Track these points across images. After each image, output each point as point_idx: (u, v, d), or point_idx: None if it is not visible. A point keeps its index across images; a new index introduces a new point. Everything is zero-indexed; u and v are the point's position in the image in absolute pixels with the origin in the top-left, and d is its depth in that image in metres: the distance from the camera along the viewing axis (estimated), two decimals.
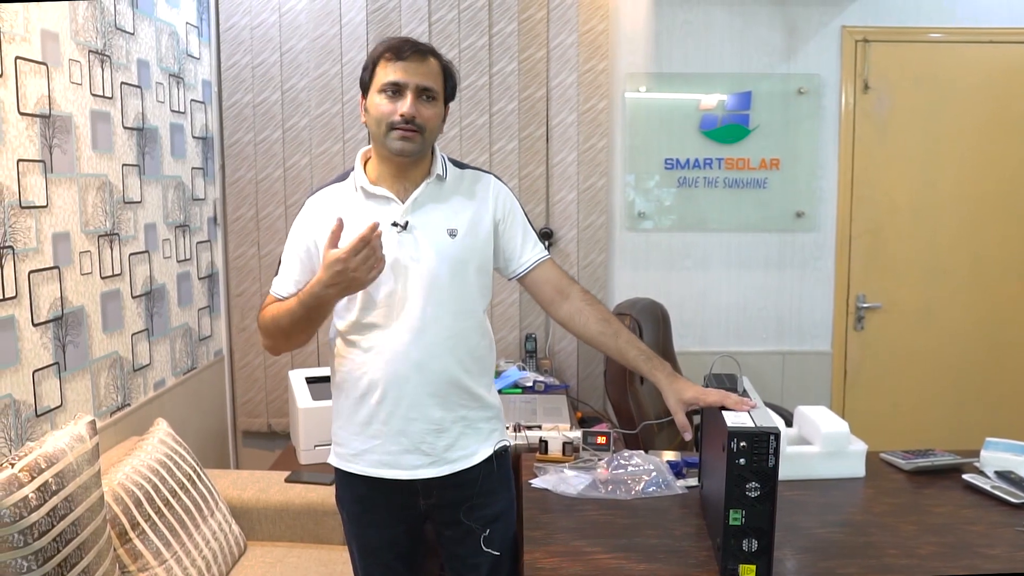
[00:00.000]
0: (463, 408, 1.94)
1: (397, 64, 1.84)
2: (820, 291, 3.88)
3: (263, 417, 3.79)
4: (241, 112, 3.65)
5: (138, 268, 2.93)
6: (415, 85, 1.83)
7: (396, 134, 1.84)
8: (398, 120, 1.83)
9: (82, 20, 2.57)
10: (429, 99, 1.86)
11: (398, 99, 1.84)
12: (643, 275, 3.86)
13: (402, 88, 1.84)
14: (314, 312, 1.81)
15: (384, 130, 1.85)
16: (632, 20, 3.73)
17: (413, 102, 1.83)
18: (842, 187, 3.82)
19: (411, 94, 1.83)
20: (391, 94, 1.85)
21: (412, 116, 1.82)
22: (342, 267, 1.70)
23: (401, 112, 1.82)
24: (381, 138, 1.87)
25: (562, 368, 3.76)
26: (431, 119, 1.86)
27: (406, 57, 1.84)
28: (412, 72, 1.84)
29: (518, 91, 3.65)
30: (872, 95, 3.77)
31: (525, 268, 2.02)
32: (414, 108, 1.83)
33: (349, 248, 1.69)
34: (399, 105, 1.83)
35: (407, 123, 1.82)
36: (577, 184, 3.72)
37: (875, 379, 3.93)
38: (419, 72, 1.84)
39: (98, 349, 2.65)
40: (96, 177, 2.65)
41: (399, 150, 1.85)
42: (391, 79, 1.84)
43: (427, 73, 1.86)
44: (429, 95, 1.86)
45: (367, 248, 1.69)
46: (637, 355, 1.95)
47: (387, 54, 1.86)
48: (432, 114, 1.87)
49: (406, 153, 1.86)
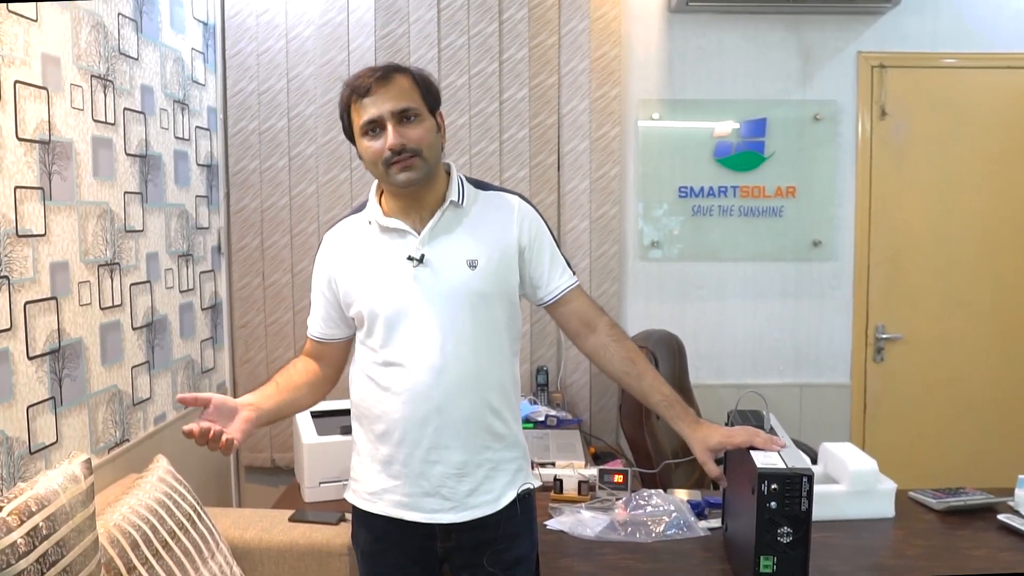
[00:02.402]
0: (488, 450, 1.85)
1: (365, 101, 1.76)
2: (838, 321, 3.80)
3: (267, 452, 3.69)
4: (247, 139, 3.59)
5: (139, 299, 2.85)
6: (389, 112, 1.74)
7: (395, 169, 1.76)
8: (389, 155, 1.74)
9: (85, 44, 2.51)
10: (411, 119, 1.77)
11: (381, 135, 1.76)
12: (657, 306, 3.78)
13: (380, 122, 1.75)
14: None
15: (382, 170, 1.78)
16: (644, 46, 3.68)
17: (395, 130, 1.74)
18: (859, 215, 3.75)
19: (391, 124, 1.74)
20: (372, 132, 1.77)
21: (401, 145, 1.74)
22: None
23: (388, 146, 1.74)
24: (384, 177, 1.80)
25: (574, 402, 3.67)
26: (422, 138, 1.77)
27: (371, 90, 1.75)
28: (382, 101, 1.75)
29: (529, 118, 3.59)
30: (889, 121, 3.71)
31: (552, 297, 1.92)
32: (398, 136, 1.74)
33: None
34: (384, 140, 1.75)
35: (399, 154, 1.74)
36: (589, 213, 3.65)
37: (896, 412, 3.83)
38: (389, 97, 1.75)
39: (96, 383, 2.56)
40: (97, 205, 2.58)
41: (405, 182, 1.77)
42: (366, 119, 1.76)
43: (398, 95, 1.76)
44: (409, 115, 1.76)
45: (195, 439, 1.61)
46: (660, 400, 1.86)
47: (353, 96, 1.78)
48: (420, 132, 1.77)
49: (412, 182, 1.77)
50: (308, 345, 2.00)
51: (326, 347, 1.96)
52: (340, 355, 1.99)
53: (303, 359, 1.98)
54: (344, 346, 1.98)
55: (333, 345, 1.97)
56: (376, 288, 1.82)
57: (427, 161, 1.78)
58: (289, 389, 1.88)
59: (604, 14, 3.57)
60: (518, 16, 3.54)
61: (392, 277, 1.81)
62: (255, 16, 3.53)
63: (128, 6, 2.79)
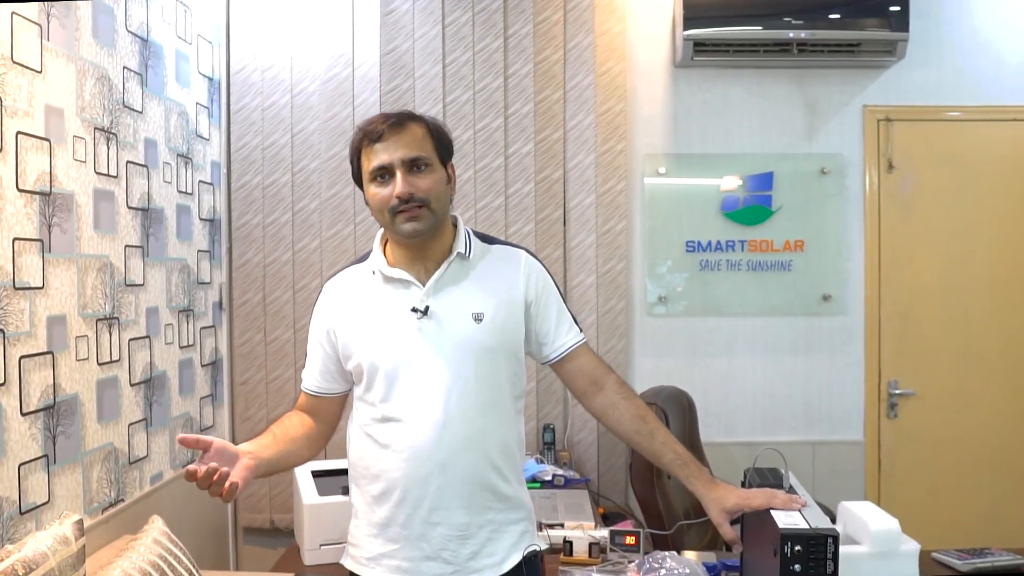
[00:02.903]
0: (491, 511, 1.77)
1: (376, 147, 1.72)
2: (850, 377, 3.73)
3: (266, 513, 3.59)
4: (250, 194, 3.56)
5: (138, 354, 2.79)
6: (400, 160, 1.71)
7: (401, 217, 1.72)
8: (396, 203, 1.71)
9: (89, 97, 2.50)
10: (422, 168, 1.73)
11: (390, 182, 1.72)
12: (665, 362, 3.71)
13: (390, 169, 1.72)
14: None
15: (388, 218, 1.74)
16: (650, 101, 3.68)
17: (404, 179, 1.70)
18: (869, 268, 3.71)
19: (400, 171, 1.71)
20: (381, 179, 1.73)
21: (409, 194, 1.70)
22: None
23: (396, 194, 1.70)
24: (389, 225, 1.76)
25: (582, 460, 3.58)
26: (431, 188, 1.73)
27: (383, 135, 1.72)
28: (394, 148, 1.71)
29: (534, 172, 3.57)
30: (896, 174, 3.69)
31: (559, 354, 1.87)
32: (407, 185, 1.70)
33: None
34: (392, 187, 1.71)
35: (407, 202, 1.70)
36: (596, 268, 3.61)
37: (911, 469, 3.73)
38: (401, 145, 1.72)
39: (92, 440, 2.49)
40: (97, 258, 2.54)
41: (410, 232, 1.73)
42: (375, 164, 1.72)
43: (410, 143, 1.73)
44: (420, 164, 1.73)
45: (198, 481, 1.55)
46: (673, 459, 1.79)
47: (364, 140, 1.75)
48: (430, 183, 1.73)
49: (418, 233, 1.73)
50: (303, 399, 1.92)
51: (322, 401, 1.90)
52: (336, 410, 1.93)
53: (297, 413, 1.90)
54: (340, 401, 1.92)
55: (329, 400, 1.90)
56: (377, 340, 1.77)
57: (434, 212, 1.74)
58: (286, 441, 1.80)
59: (609, 69, 3.58)
60: (523, 71, 3.54)
61: (395, 329, 1.76)
62: (260, 71, 3.54)
63: (133, 60, 2.79)
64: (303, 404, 1.91)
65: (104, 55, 2.60)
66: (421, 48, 3.53)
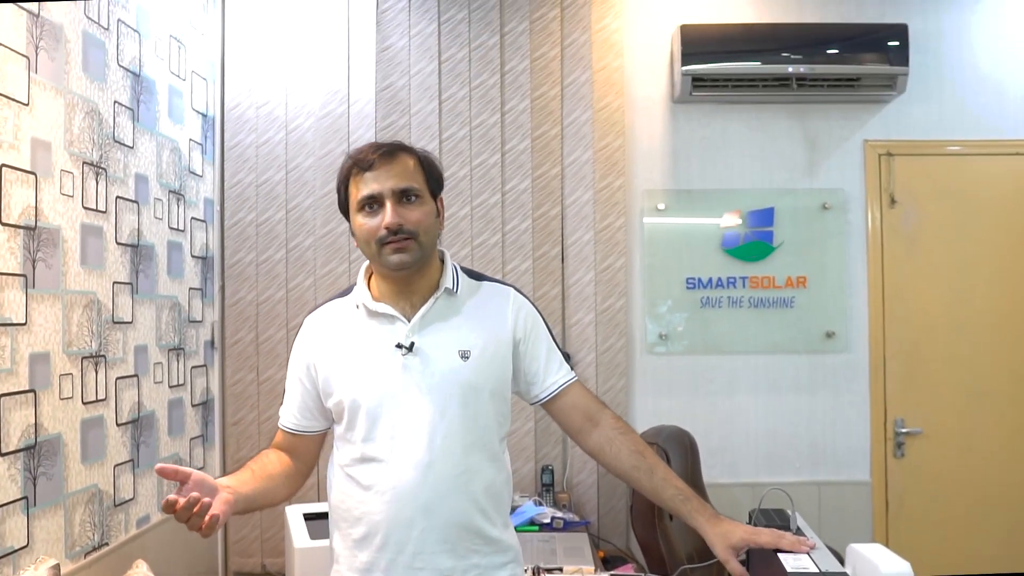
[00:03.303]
0: (476, 555, 1.70)
1: (366, 176, 1.67)
2: (855, 416, 3.65)
3: (257, 557, 3.49)
4: (244, 231, 3.52)
5: (125, 393, 2.72)
6: (391, 190, 1.65)
7: (388, 249, 1.65)
8: (384, 235, 1.64)
9: (78, 131, 2.46)
10: (412, 199, 1.68)
11: (378, 212, 1.66)
12: (666, 401, 3.64)
13: (379, 199, 1.66)
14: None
15: (375, 249, 1.67)
16: (648, 136, 3.64)
17: (394, 210, 1.64)
18: (873, 305, 3.65)
19: (390, 202, 1.65)
20: (369, 209, 1.67)
21: (398, 225, 1.64)
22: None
23: (385, 224, 1.64)
24: (376, 258, 1.69)
25: (581, 502, 3.49)
26: (421, 220, 1.67)
27: (373, 165, 1.66)
28: (384, 178, 1.66)
29: (532, 209, 3.53)
30: (899, 209, 3.65)
31: (549, 393, 1.80)
32: (396, 216, 1.64)
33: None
34: (381, 218, 1.65)
35: (395, 234, 1.64)
36: (595, 305, 3.55)
37: (920, 510, 3.65)
38: (392, 175, 1.66)
39: (75, 482, 2.40)
40: (83, 295, 2.48)
41: (397, 264, 1.66)
42: (365, 194, 1.66)
43: (401, 173, 1.67)
44: (410, 195, 1.67)
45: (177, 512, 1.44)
46: (674, 495, 1.72)
47: (354, 169, 1.69)
48: (420, 215, 1.67)
49: (406, 266, 1.67)
50: (280, 437, 1.84)
51: (300, 440, 1.82)
52: (314, 449, 1.85)
53: (275, 451, 1.82)
54: (319, 440, 1.85)
55: (308, 438, 1.82)
56: (360, 376, 1.70)
57: (422, 245, 1.68)
58: (264, 477, 1.71)
59: (607, 104, 3.55)
60: (520, 107, 3.52)
61: (378, 365, 1.69)
62: (255, 108, 3.51)
63: (125, 95, 2.75)
64: (280, 442, 1.83)
65: (94, 89, 2.56)
66: (417, 84, 3.50)
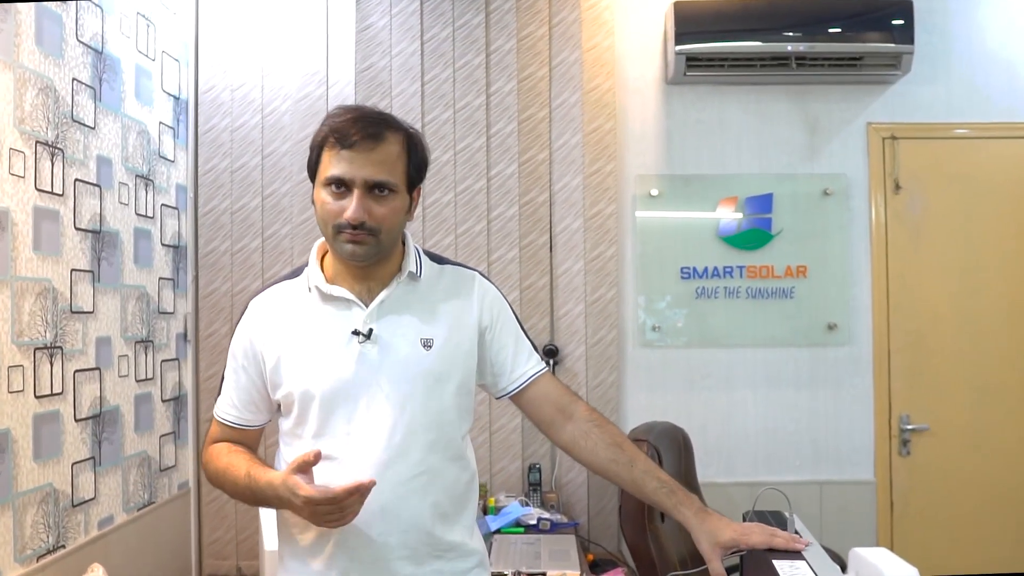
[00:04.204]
0: (438, 560, 1.56)
1: (342, 154, 1.48)
2: (859, 412, 3.50)
3: (232, 559, 3.35)
4: (218, 219, 3.37)
5: (85, 387, 2.57)
6: (363, 180, 1.48)
7: (344, 238, 1.49)
8: (344, 223, 1.48)
9: (29, 107, 2.31)
10: (384, 192, 1.50)
11: (345, 196, 1.49)
12: (659, 396, 3.49)
13: (348, 184, 1.48)
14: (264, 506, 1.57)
15: (331, 233, 1.51)
16: (641, 119, 3.49)
17: (360, 202, 1.47)
18: (877, 296, 3.49)
19: (359, 192, 1.48)
20: (336, 189, 1.49)
21: (360, 220, 1.47)
22: (301, 505, 1.40)
23: (347, 217, 1.47)
24: (330, 241, 1.54)
25: (571, 503, 3.34)
26: (386, 218, 1.50)
27: (353, 144, 1.48)
28: (360, 164, 1.48)
29: (519, 195, 3.38)
30: (904, 195, 3.50)
31: (518, 384, 1.66)
32: (361, 210, 1.47)
33: (316, 497, 1.38)
34: (345, 203, 1.48)
35: (355, 228, 1.48)
36: (584, 296, 3.40)
37: (926, 510, 3.49)
38: (369, 163, 1.48)
39: (26, 481, 2.26)
40: (36, 282, 2.33)
41: (349, 254, 1.51)
42: (334, 173, 1.49)
43: (379, 163, 1.49)
44: (384, 189, 1.50)
45: (334, 507, 1.39)
46: (658, 487, 1.57)
47: (331, 139, 1.50)
48: (386, 212, 1.50)
49: (358, 258, 1.51)
50: (217, 431, 1.67)
51: (240, 434, 1.66)
52: (254, 445, 1.69)
53: (225, 444, 1.65)
54: (259, 434, 1.69)
55: (248, 432, 1.66)
56: (313, 366, 1.54)
57: (381, 243, 1.52)
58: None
59: (597, 86, 3.40)
60: (506, 89, 3.37)
61: (333, 354, 1.54)
62: (230, 91, 3.37)
63: (85, 72, 2.61)
64: (219, 436, 1.67)
65: (49, 64, 2.42)
66: (399, 65, 3.36)
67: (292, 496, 1.38)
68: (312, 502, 1.36)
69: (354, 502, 1.38)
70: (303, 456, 1.40)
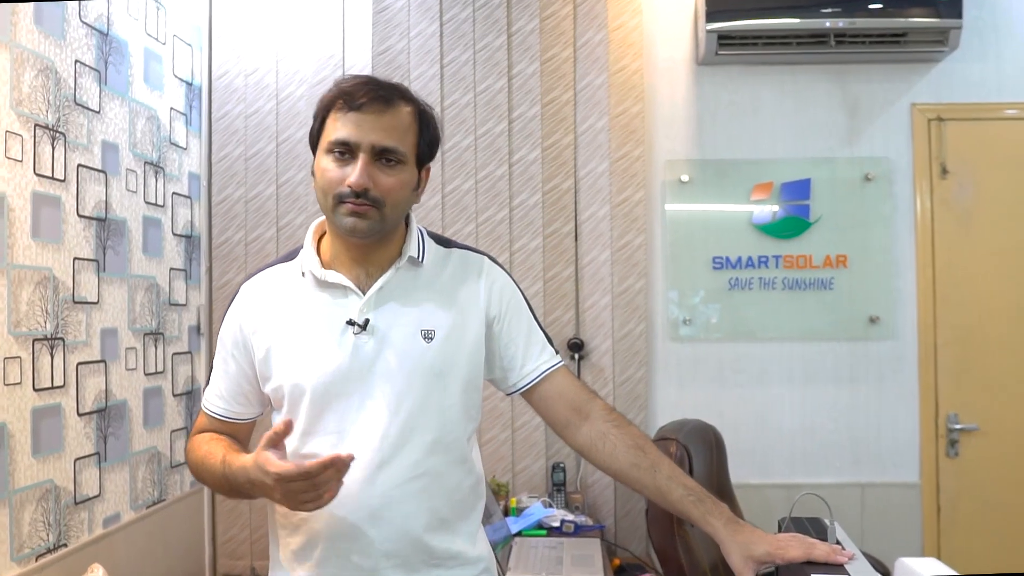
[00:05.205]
0: (435, 568, 1.43)
1: (349, 116, 1.37)
2: (903, 410, 3.33)
3: (246, 559, 3.26)
4: (232, 208, 3.28)
5: (89, 380, 2.48)
6: (370, 145, 1.36)
7: (345, 209, 1.37)
8: (346, 191, 1.36)
9: (28, 89, 2.22)
10: (391, 162, 1.39)
11: (349, 162, 1.37)
12: (690, 392, 3.35)
13: (354, 149, 1.37)
14: (241, 496, 1.40)
15: (331, 203, 1.39)
16: (670, 102, 3.35)
17: (365, 168, 1.36)
18: (922, 287, 3.32)
19: (364, 157, 1.36)
20: (340, 155, 1.38)
21: (364, 187, 1.35)
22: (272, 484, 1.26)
23: (349, 182, 1.36)
24: (329, 213, 1.41)
25: (596, 504, 3.20)
26: (392, 189, 1.39)
27: (361, 106, 1.37)
28: (368, 127, 1.37)
29: (542, 182, 3.25)
30: (951, 180, 3.32)
31: (530, 380, 1.53)
32: (366, 176, 1.36)
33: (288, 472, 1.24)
34: (349, 171, 1.36)
35: (358, 196, 1.36)
36: (611, 287, 3.26)
37: (976, 515, 3.31)
38: (378, 127, 1.37)
39: (23, 476, 2.17)
40: (36, 270, 2.24)
41: (349, 228, 1.38)
42: (339, 136, 1.37)
43: (389, 128, 1.38)
44: (391, 158, 1.39)
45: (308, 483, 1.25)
46: (684, 495, 1.42)
47: (338, 101, 1.39)
48: (394, 183, 1.39)
49: (359, 232, 1.39)
50: (204, 422, 1.57)
51: (228, 427, 1.55)
52: (244, 438, 1.58)
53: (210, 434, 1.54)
54: (250, 428, 1.58)
55: (237, 426, 1.55)
56: (304, 357, 1.43)
57: (385, 218, 1.40)
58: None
59: (624, 67, 3.26)
60: (529, 71, 3.24)
61: (326, 345, 1.43)
62: (244, 76, 3.28)
63: (89, 54, 2.52)
64: (205, 428, 1.56)
65: (49, 45, 2.33)
66: (417, 47, 3.24)
67: (264, 476, 1.26)
68: (283, 479, 1.23)
69: (330, 477, 1.24)
70: (274, 427, 1.27)
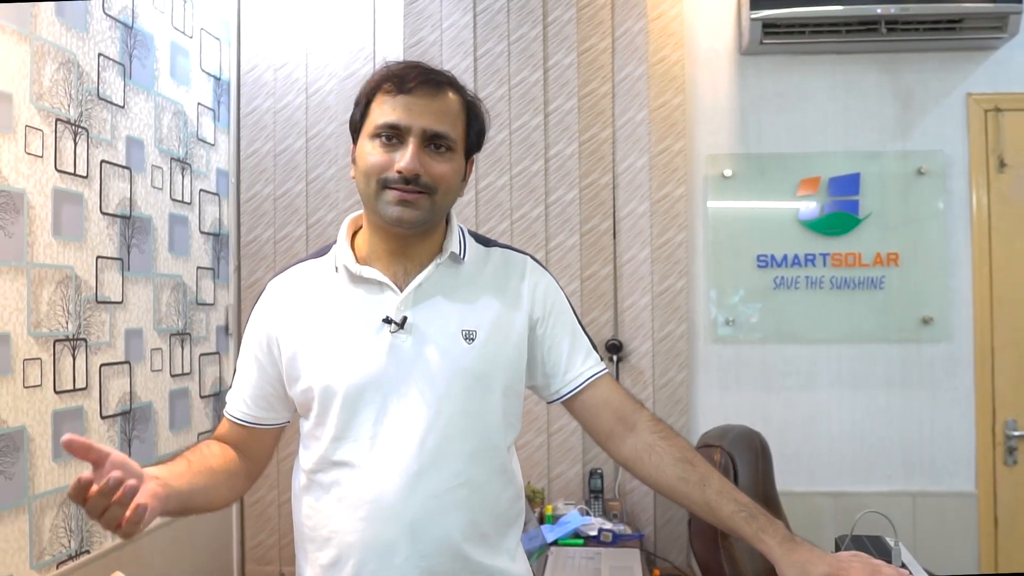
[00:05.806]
0: None
1: (398, 99, 1.30)
2: (957, 416, 3.17)
3: (275, 564, 3.19)
4: (261, 205, 3.21)
5: (113, 382, 2.42)
6: (421, 129, 1.30)
7: (392, 196, 1.30)
8: (394, 177, 1.29)
9: (49, 82, 2.16)
10: (441, 149, 1.32)
11: (397, 148, 1.30)
12: (734, 396, 3.23)
13: (403, 133, 1.30)
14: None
15: (375, 189, 1.31)
16: (713, 93, 3.22)
17: (416, 153, 1.29)
18: (978, 286, 3.17)
19: (415, 142, 1.29)
20: (387, 140, 1.31)
21: (415, 172, 1.28)
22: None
23: (399, 167, 1.28)
24: (372, 201, 1.33)
25: (635, 512, 3.08)
26: (444, 177, 1.32)
27: (411, 89, 1.30)
28: (419, 111, 1.30)
29: (579, 177, 3.14)
30: (1009, 174, 3.16)
31: (574, 388, 1.44)
32: (417, 161, 1.29)
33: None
34: (397, 156, 1.29)
35: (407, 182, 1.29)
36: (651, 287, 3.14)
37: None
38: (429, 111, 1.30)
39: (43, 482, 2.11)
40: (57, 269, 2.18)
41: (396, 218, 1.30)
42: (388, 120, 1.30)
43: (440, 112, 1.32)
44: (441, 144, 1.32)
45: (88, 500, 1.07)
46: (735, 511, 1.31)
47: (386, 84, 1.32)
48: (446, 170, 1.32)
49: (406, 223, 1.31)
50: (226, 427, 1.48)
51: (250, 434, 1.46)
52: (267, 446, 1.49)
53: (218, 443, 1.45)
54: (275, 435, 1.49)
55: (260, 433, 1.46)
56: (336, 357, 1.34)
57: (435, 206, 1.33)
58: (203, 471, 1.33)
59: (664, 58, 3.14)
60: (566, 62, 3.13)
61: (360, 344, 1.34)
62: (272, 70, 3.20)
63: (113, 47, 2.45)
64: (226, 434, 1.47)
65: (72, 38, 2.27)
66: (450, 39, 3.15)
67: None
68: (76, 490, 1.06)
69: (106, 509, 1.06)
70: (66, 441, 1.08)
